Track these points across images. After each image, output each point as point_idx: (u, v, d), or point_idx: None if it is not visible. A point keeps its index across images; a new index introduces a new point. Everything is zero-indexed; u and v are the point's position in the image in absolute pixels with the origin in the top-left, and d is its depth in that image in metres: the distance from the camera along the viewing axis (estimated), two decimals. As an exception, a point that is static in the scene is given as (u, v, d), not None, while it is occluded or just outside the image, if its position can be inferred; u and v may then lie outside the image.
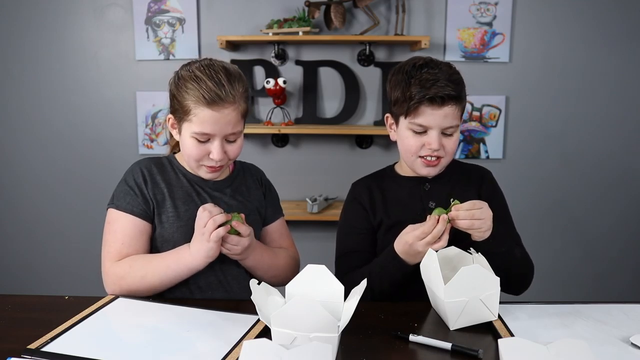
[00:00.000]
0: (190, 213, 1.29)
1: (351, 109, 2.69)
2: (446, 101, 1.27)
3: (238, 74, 1.27)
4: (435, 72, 1.28)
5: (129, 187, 1.29)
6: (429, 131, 1.29)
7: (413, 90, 1.27)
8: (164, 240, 1.30)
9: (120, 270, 1.24)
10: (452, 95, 1.27)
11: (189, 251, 1.22)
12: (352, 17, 2.64)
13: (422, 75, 1.27)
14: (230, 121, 1.23)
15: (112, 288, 1.24)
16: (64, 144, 2.76)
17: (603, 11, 2.64)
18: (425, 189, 1.39)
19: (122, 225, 1.27)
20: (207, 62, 1.27)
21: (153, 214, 1.29)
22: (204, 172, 1.30)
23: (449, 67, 1.32)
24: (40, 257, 2.86)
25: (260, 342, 0.85)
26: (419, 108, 1.28)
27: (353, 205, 1.43)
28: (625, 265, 2.86)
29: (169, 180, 1.33)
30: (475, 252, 1.17)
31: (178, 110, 1.26)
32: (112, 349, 0.97)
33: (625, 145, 2.76)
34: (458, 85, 1.29)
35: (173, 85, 1.27)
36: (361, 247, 1.38)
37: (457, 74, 1.32)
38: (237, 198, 1.37)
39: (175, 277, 1.24)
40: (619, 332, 1.06)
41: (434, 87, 1.25)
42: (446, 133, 1.30)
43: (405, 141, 1.33)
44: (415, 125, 1.29)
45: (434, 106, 1.27)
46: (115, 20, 2.67)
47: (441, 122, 1.28)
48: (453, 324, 1.08)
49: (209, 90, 1.20)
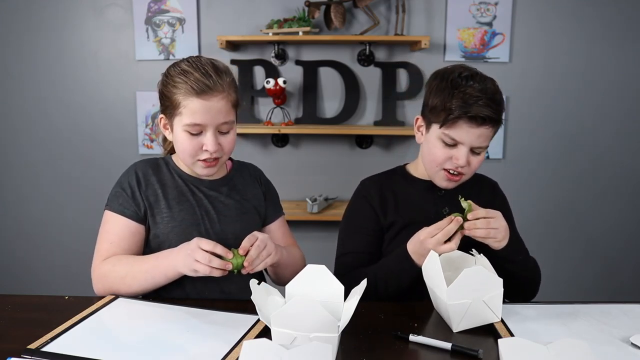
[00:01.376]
0: (184, 213, 1.30)
1: (351, 109, 2.69)
2: (485, 122, 1.24)
3: (225, 67, 1.28)
4: (480, 88, 1.24)
5: (122, 189, 1.30)
6: (459, 146, 1.27)
7: (455, 103, 1.23)
8: (160, 241, 1.30)
9: (104, 269, 1.25)
10: (492, 117, 1.24)
11: (169, 259, 1.20)
12: (352, 17, 2.64)
13: (467, 89, 1.24)
14: (220, 110, 1.23)
15: (97, 287, 1.26)
16: (64, 143, 2.76)
17: (603, 11, 2.64)
18: (440, 193, 1.38)
19: (113, 226, 1.29)
20: (194, 58, 1.28)
21: (145, 215, 1.30)
22: (199, 168, 1.29)
23: (493, 84, 1.28)
24: (40, 257, 2.86)
25: (260, 342, 0.85)
26: (456, 122, 1.24)
27: (362, 204, 1.41)
28: (625, 265, 2.86)
29: (163, 180, 1.33)
30: (478, 254, 1.17)
31: (168, 107, 1.26)
32: (112, 349, 0.97)
33: (625, 145, 2.76)
34: (499, 106, 1.26)
35: (161, 85, 1.28)
36: (365, 248, 1.37)
37: (499, 94, 1.28)
38: (234, 197, 1.37)
39: (153, 282, 1.22)
40: (619, 332, 1.06)
41: (476, 106, 1.22)
42: (475, 151, 1.28)
43: (433, 150, 1.31)
44: (448, 138, 1.27)
45: (472, 124, 1.24)
46: (115, 20, 2.67)
47: (474, 141, 1.26)
48: (456, 326, 1.08)
49: (197, 81, 1.21)
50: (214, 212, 1.33)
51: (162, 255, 1.23)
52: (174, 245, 1.24)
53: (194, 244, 1.14)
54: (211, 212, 1.33)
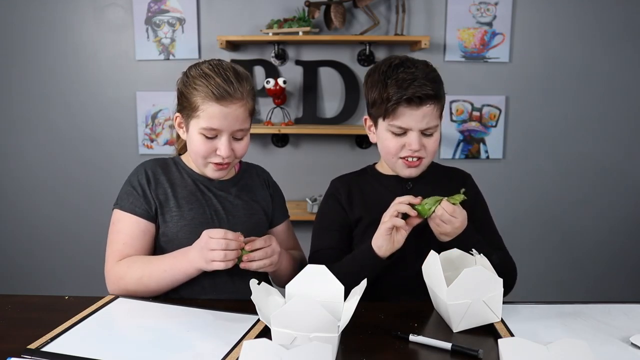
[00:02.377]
0: (194, 212, 1.30)
1: (351, 109, 2.69)
2: (424, 101, 1.24)
3: (245, 74, 1.29)
4: (412, 71, 1.25)
5: (132, 187, 1.31)
6: (408, 132, 1.27)
7: (390, 91, 1.24)
8: (168, 240, 1.30)
9: (120, 270, 1.24)
10: (430, 94, 1.24)
11: (187, 257, 1.21)
12: (352, 17, 2.64)
13: (399, 75, 1.25)
14: (238, 117, 1.25)
15: (113, 288, 1.25)
16: (64, 143, 2.76)
17: (603, 11, 2.64)
18: (408, 187, 1.37)
19: (124, 225, 1.29)
20: (216, 61, 1.29)
21: (156, 214, 1.30)
22: (210, 170, 1.30)
23: (425, 65, 1.29)
24: (40, 257, 2.86)
25: (260, 342, 0.85)
26: (397, 109, 1.25)
27: (330, 201, 1.42)
28: (625, 265, 2.86)
29: (173, 180, 1.34)
30: (478, 254, 1.17)
31: (186, 108, 1.27)
32: (112, 349, 0.97)
33: (625, 145, 2.76)
34: (435, 83, 1.26)
35: (181, 84, 1.29)
36: (335, 244, 1.36)
37: (434, 72, 1.29)
38: (243, 197, 1.38)
39: (173, 281, 1.23)
40: (619, 332, 1.06)
41: (412, 87, 1.22)
42: (426, 133, 1.28)
43: (385, 143, 1.31)
44: (395, 127, 1.27)
45: (412, 107, 1.24)
46: (115, 20, 2.67)
47: (420, 123, 1.26)
48: (456, 326, 1.08)
49: (217, 86, 1.22)
50: (223, 212, 1.34)
51: (179, 254, 1.23)
52: (182, 244, 1.25)
53: (204, 236, 1.16)
54: (220, 211, 1.33)
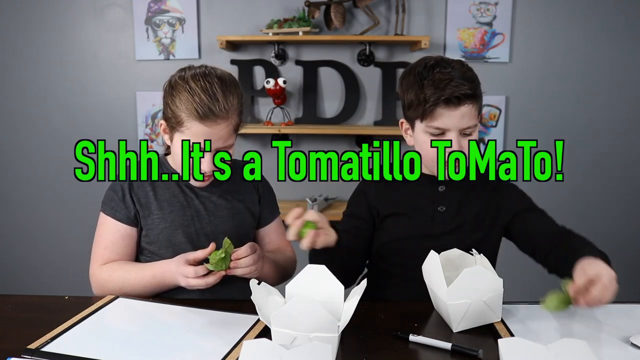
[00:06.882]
0: (174, 215, 1.31)
1: (351, 109, 2.69)
2: (462, 101, 1.21)
3: (233, 86, 1.25)
4: (448, 71, 1.22)
5: (114, 191, 1.32)
6: (447, 133, 1.24)
7: (427, 92, 1.21)
8: (150, 241, 1.31)
9: (103, 276, 1.28)
10: (468, 94, 1.21)
11: (166, 274, 1.21)
12: (352, 17, 2.64)
13: (435, 75, 1.22)
14: (222, 136, 1.23)
15: (96, 292, 1.29)
16: (64, 143, 2.76)
17: (603, 11, 2.64)
18: (440, 190, 1.35)
19: (106, 229, 1.31)
20: (203, 70, 1.24)
21: (137, 217, 1.31)
22: (192, 179, 1.30)
23: (461, 64, 1.26)
24: (40, 257, 2.86)
25: (260, 342, 0.85)
26: (435, 110, 1.22)
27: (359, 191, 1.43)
28: (625, 265, 2.85)
29: (155, 181, 1.34)
30: (477, 254, 1.17)
31: (170, 119, 1.25)
32: (112, 349, 0.97)
33: (625, 145, 2.75)
34: (473, 82, 1.24)
35: (167, 93, 1.26)
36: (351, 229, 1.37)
37: (470, 71, 1.26)
38: (226, 197, 1.37)
39: (153, 292, 1.26)
40: (619, 332, 1.06)
41: (449, 87, 1.20)
42: (465, 133, 1.26)
43: (423, 146, 1.29)
44: (433, 128, 1.24)
45: (451, 107, 1.21)
46: (115, 20, 2.67)
47: (459, 123, 1.23)
48: (456, 326, 1.08)
49: (202, 105, 1.18)
50: (204, 212, 1.33)
51: (160, 267, 1.24)
52: (164, 246, 1.28)
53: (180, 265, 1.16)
54: (202, 212, 1.33)
